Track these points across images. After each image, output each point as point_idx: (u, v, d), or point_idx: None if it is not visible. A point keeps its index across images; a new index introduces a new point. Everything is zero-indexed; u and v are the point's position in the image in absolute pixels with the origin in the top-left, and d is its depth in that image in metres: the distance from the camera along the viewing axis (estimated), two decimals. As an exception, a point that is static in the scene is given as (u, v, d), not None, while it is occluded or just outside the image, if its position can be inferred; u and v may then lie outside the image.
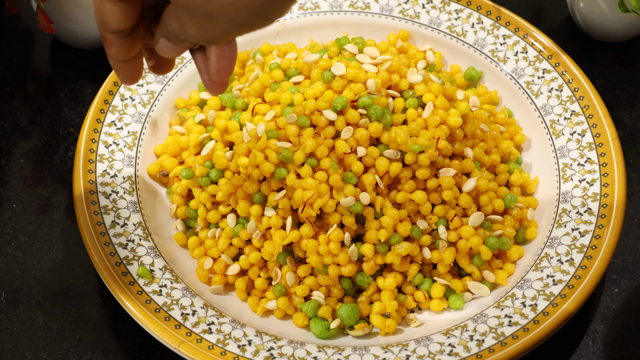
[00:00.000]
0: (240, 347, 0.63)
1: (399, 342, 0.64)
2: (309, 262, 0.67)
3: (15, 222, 0.76)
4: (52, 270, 0.73)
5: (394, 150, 0.66)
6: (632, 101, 0.84)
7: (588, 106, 0.74)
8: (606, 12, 0.83)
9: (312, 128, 0.68)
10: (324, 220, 0.68)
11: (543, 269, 0.66)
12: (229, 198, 0.71)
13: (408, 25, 0.81)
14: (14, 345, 0.69)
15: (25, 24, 0.91)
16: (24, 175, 0.79)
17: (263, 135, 0.68)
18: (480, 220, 0.68)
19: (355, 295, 0.69)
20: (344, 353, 0.63)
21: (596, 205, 0.68)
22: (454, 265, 0.69)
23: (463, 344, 0.63)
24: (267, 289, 0.69)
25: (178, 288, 0.67)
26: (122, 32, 0.54)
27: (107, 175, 0.72)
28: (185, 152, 0.75)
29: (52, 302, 0.71)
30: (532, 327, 0.62)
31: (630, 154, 0.80)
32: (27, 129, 0.83)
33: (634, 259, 0.74)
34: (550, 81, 0.76)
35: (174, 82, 0.79)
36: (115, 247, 0.67)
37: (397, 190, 0.68)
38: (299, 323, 0.67)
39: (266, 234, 0.69)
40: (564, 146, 0.73)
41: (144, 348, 0.69)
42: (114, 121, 0.75)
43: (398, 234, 0.67)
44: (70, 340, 0.69)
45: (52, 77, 0.87)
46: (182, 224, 0.73)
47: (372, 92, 0.68)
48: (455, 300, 0.67)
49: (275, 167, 0.67)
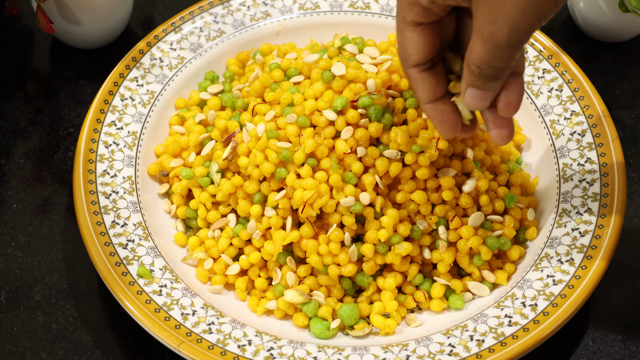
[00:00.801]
0: (240, 347, 0.63)
1: (399, 342, 0.64)
2: (309, 262, 0.67)
3: (15, 222, 0.76)
4: (52, 270, 0.73)
5: (394, 150, 0.66)
6: (632, 101, 0.84)
7: (588, 106, 0.74)
8: (606, 12, 0.83)
9: (312, 128, 0.68)
10: (324, 220, 0.68)
11: (543, 269, 0.66)
12: (229, 198, 0.71)
13: (408, 25, 0.81)
14: (14, 345, 0.69)
15: (25, 24, 0.91)
16: (24, 175, 0.79)
17: (263, 135, 0.68)
18: (480, 221, 0.68)
19: (355, 295, 0.69)
20: (344, 353, 0.63)
21: (596, 205, 0.68)
22: (454, 265, 0.69)
23: (463, 344, 0.63)
24: (267, 289, 0.69)
25: (178, 288, 0.67)
26: (423, 65, 0.55)
27: (107, 175, 0.72)
28: (185, 152, 0.75)
29: (52, 302, 0.71)
30: (532, 327, 0.62)
31: (630, 154, 0.80)
32: (27, 129, 0.83)
33: (634, 259, 0.74)
34: (550, 81, 0.76)
35: (174, 82, 0.79)
36: (115, 247, 0.67)
37: (397, 190, 0.68)
38: (299, 323, 0.67)
39: (266, 234, 0.69)
40: (564, 146, 0.73)
41: (144, 348, 0.69)
42: (114, 121, 0.75)
43: (398, 234, 0.67)
44: (70, 340, 0.69)
45: (52, 77, 0.87)
46: (182, 224, 0.73)
47: (372, 92, 0.68)
48: (455, 300, 0.67)
49: (275, 167, 0.67)
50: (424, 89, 0.56)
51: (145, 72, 0.78)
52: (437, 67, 0.56)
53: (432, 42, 0.55)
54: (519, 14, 0.49)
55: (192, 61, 0.80)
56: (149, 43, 0.79)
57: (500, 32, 0.50)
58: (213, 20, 0.82)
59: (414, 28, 0.54)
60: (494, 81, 0.53)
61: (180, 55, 0.80)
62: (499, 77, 0.53)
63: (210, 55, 0.81)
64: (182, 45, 0.80)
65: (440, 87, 0.56)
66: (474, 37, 0.51)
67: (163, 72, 0.79)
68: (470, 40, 0.52)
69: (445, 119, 0.57)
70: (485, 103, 0.54)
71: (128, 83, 0.77)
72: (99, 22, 0.84)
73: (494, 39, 0.50)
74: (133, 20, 0.90)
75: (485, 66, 0.52)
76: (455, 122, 0.57)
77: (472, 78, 0.53)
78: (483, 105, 0.54)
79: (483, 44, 0.51)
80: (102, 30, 0.85)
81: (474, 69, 0.52)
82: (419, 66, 0.55)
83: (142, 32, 0.90)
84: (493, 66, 0.52)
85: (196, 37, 0.81)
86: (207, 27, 0.81)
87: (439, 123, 0.57)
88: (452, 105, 0.57)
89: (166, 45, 0.80)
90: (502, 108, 0.55)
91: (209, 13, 0.82)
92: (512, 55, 0.51)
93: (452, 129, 0.58)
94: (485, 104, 0.55)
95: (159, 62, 0.79)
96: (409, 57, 0.55)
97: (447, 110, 0.57)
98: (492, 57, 0.51)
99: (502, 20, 0.49)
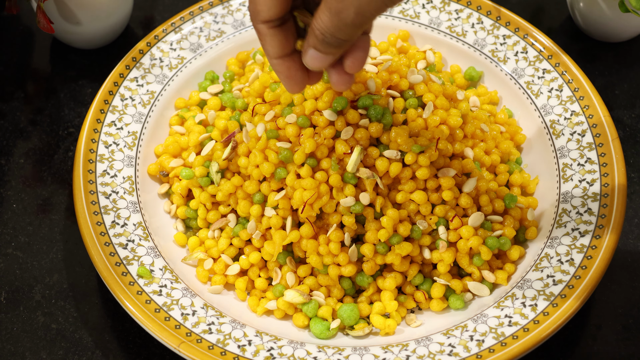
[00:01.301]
0: (240, 347, 0.63)
1: (399, 342, 0.64)
2: (309, 262, 0.67)
3: (15, 222, 0.76)
4: (52, 270, 0.73)
5: (394, 150, 0.66)
6: (632, 101, 0.84)
7: (588, 106, 0.74)
8: (606, 12, 0.83)
9: (312, 128, 0.68)
10: (324, 221, 0.68)
11: (543, 269, 0.66)
12: (229, 198, 0.71)
13: (408, 25, 0.81)
14: (14, 345, 0.69)
15: (25, 24, 0.91)
16: (24, 175, 0.80)
17: (263, 135, 0.68)
18: (480, 221, 0.68)
19: (355, 295, 0.69)
20: (344, 353, 0.63)
21: (596, 205, 0.68)
22: (454, 265, 0.69)
23: (463, 344, 0.63)
24: (267, 289, 0.69)
25: (178, 288, 0.67)
26: (273, 21, 0.55)
27: (107, 175, 0.72)
28: (185, 152, 0.75)
29: (52, 302, 0.71)
30: (532, 327, 0.62)
31: (630, 154, 0.80)
32: (27, 129, 0.83)
33: (634, 259, 0.74)
34: (550, 81, 0.76)
35: (174, 82, 0.79)
36: (115, 247, 0.67)
37: (397, 190, 0.68)
38: (299, 323, 0.67)
39: (266, 234, 0.69)
40: (564, 146, 0.73)
41: (144, 348, 0.69)
42: (114, 121, 0.75)
43: (398, 234, 0.67)
44: (70, 340, 0.69)
45: (52, 77, 0.87)
46: (182, 224, 0.73)
47: (372, 92, 0.68)
48: (455, 300, 0.67)
49: (275, 167, 0.67)
50: (273, 45, 0.56)
51: (145, 72, 0.78)
52: (287, 24, 0.56)
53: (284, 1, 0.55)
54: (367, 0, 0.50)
55: (192, 61, 0.80)
56: (149, 43, 0.79)
57: (346, 11, 0.51)
58: (213, 20, 0.82)
59: None
60: (336, 48, 0.54)
61: (180, 55, 0.80)
62: (341, 46, 0.53)
63: (210, 55, 0.81)
64: (182, 45, 0.80)
65: (288, 43, 0.57)
66: (322, 5, 0.52)
67: (163, 72, 0.79)
68: (318, 7, 0.52)
69: (292, 74, 0.58)
70: (325, 64, 0.55)
71: (128, 83, 0.77)
72: (99, 22, 0.84)
73: (340, 15, 0.51)
74: (133, 20, 0.90)
75: (328, 35, 0.52)
76: (302, 79, 0.58)
77: (315, 41, 0.54)
78: (322, 66, 0.55)
79: (330, 17, 0.51)
80: (102, 30, 0.85)
81: (317, 34, 0.53)
82: (268, 22, 0.55)
83: (142, 32, 0.90)
84: (336, 37, 0.52)
85: (196, 37, 0.81)
86: (207, 27, 0.81)
87: (286, 79, 0.58)
88: (300, 61, 0.57)
89: (166, 45, 0.80)
90: (348, 65, 0.56)
91: (209, 13, 0.82)
92: (356, 32, 0.52)
93: (299, 85, 0.59)
94: (325, 66, 0.55)
95: (159, 62, 0.79)
96: (259, 13, 0.55)
97: (295, 66, 0.57)
98: (336, 30, 0.52)
99: (350, 2, 0.50)
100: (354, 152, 0.65)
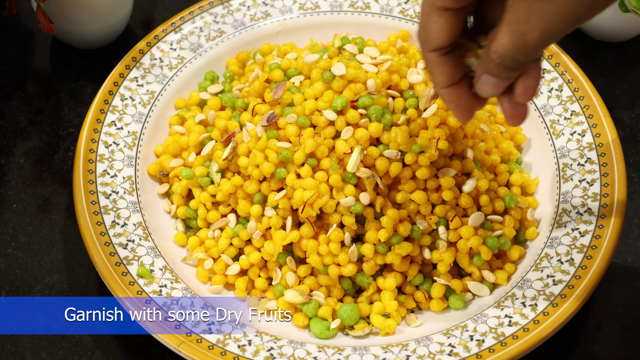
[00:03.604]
0: (240, 347, 0.63)
1: (399, 342, 0.64)
2: (309, 262, 0.67)
3: (15, 222, 0.76)
4: (52, 270, 0.73)
5: (394, 150, 0.66)
6: (632, 101, 0.84)
7: (588, 106, 0.74)
8: (606, 12, 0.83)
9: (312, 128, 0.68)
10: (324, 221, 0.68)
11: (543, 269, 0.66)
12: (229, 198, 0.71)
13: (408, 25, 0.81)
14: (14, 345, 0.69)
15: (25, 24, 0.91)
16: (24, 175, 0.80)
17: (263, 135, 0.68)
18: (480, 221, 0.68)
19: (355, 295, 0.69)
20: (344, 353, 0.63)
21: (596, 205, 0.68)
22: (454, 265, 0.69)
23: (463, 344, 0.63)
24: (267, 289, 0.69)
25: (178, 288, 0.67)
26: (443, 49, 0.54)
27: (107, 175, 0.72)
28: (185, 152, 0.75)
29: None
30: (532, 327, 0.62)
31: (630, 154, 0.80)
32: (27, 129, 0.83)
33: (634, 259, 0.74)
34: (550, 81, 0.76)
35: (174, 82, 0.79)
36: (115, 247, 0.67)
37: (397, 190, 0.68)
38: (299, 323, 0.67)
39: (266, 234, 0.69)
40: (564, 146, 0.73)
41: (144, 348, 0.69)
42: (114, 121, 0.75)
43: (398, 234, 0.67)
44: (70, 340, 0.69)
45: (52, 77, 0.87)
46: (182, 224, 0.73)
47: (372, 92, 0.68)
48: (455, 300, 0.67)
49: (275, 167, 0.67)
50: (442, 73, 0.55)
51: (145, 72, 0.78)
52: (455, 52, 0.55)
53: (457, 27, 0.54)
54: (556, 20, 0.48)
55: (192, 61, 0.80)
56: (149, 43, 0.79)
57: (531, 33, 0.49)
58: (213, 20, 0.82)
59: (442, 13, 0.53)
60: (512, 71, 0.52)
61: (180, 55, 0.80)
62: (518, 69, 0.52)
63: (210, 55, 0.81)
64: (182, 45, 0.80)
65: (457, 71, 0.56)
66: (502, 28, 0.50)
67: (163, 72, 0.79)
68: (497, 29, 0.50)
69: (461, 103, 0.57)
70: (498, 91, 0.54)
71: (128, 83, 0.77)
72: (99, 22, 0.84)
73: (524, 37, 0.49)
74: (133, 20, 0.90)
75: (507, 58, 0.51)
76: (470, 106, 0.57)
77: (490, 65, 0.52)
78: (495, 93, 0.54)
79: (511, 39, 0.50)
80: (102, 30, 0.85)
81: (494, 57, 0.51)
82: (438, 50, 0.54)
83: (142, 32, 0.90)
84: (515, 60, 0.51)
85: (196, 37, 0.81)
86: (207, 27, 0.81)
87: (455, 107, 0.57)
88: (468, 89, 0.56)
89: (166, 45, 0.80)
90: (519, 94, 0.53)
91: (209, 13, 0.82)
92: (537, 53, 0.51)
93: (468, 112, 0.57)
94: (498, 92, 0.54)
95: (159, 62, 0.79)
96: (431, 40, 0.54)
97: (464, 94, 0.56)
98: (516, 52, 0.50)
99: (537, 23, 0.48)
100: (354, 152, 0.65)
